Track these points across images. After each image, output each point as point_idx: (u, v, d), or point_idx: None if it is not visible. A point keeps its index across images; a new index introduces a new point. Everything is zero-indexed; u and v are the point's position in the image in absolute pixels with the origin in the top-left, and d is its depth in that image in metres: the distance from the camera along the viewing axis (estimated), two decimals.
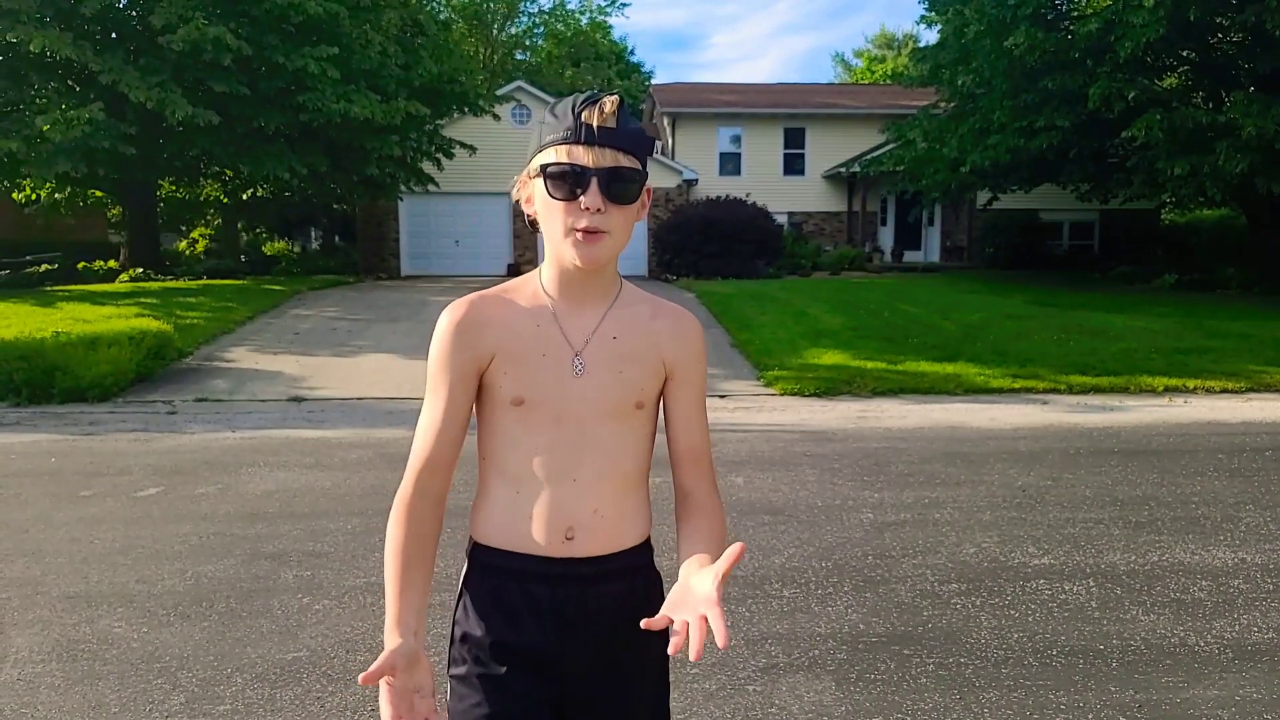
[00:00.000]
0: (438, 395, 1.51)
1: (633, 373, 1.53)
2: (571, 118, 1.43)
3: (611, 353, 1.52)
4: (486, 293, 1.56)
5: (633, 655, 1.55)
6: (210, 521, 5.21)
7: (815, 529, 5.05)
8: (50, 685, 3.34)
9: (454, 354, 1.50)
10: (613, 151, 1.43)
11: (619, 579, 1.54)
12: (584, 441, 1.50)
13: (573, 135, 1.43)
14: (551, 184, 1.44)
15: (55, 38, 15.10)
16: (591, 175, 1.42)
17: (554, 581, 1.49)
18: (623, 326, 1.54)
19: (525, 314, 1.52)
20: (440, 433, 1.50)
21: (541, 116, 1.49)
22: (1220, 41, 17.32)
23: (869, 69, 51.39)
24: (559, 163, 1.43)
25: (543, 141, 1.46)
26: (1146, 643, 3.63)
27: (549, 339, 1.50)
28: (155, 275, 19.37)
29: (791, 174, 27.23)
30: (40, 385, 8.93)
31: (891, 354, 10.98)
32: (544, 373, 1.49)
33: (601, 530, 1.51)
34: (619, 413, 1.52)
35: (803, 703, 3.19)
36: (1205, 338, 11.80)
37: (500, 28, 38.59)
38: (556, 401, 1.49)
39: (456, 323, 1.50)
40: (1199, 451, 6.78)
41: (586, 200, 1.42)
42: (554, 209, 1.45)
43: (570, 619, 1.50)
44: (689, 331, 1.61)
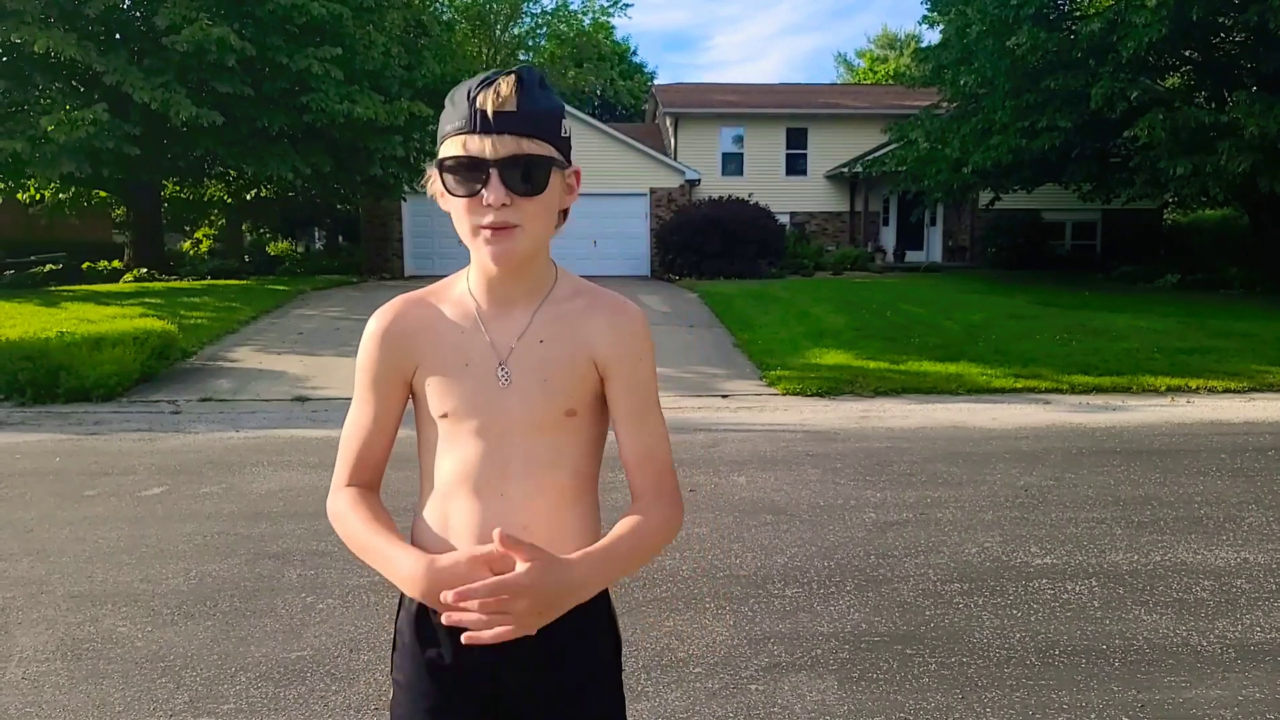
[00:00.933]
0: (362, 400, 1.46)
1: (560, 379, 1.42)
2: (466, 104, 1.31)
3: (538, 358, 1.42)
4: (413, 296, 1.48)
5: (575, 671, 1.48)
6: (214, 521, 5.23)
7: (818, 528, 5.05)
8: (55, 684, 3.35)
9: (377, 362, 1.44)
10: (513, 138, 1.30)
11: None
12: (512, 455, 1.41)
13: (467, 124, 1.31)
14: (450, 181, 1.33)
15: (59, 38, 15.12)
16: (490, 167, 1.30)
17: None
18: (551, 328, 1.43)
19: (451, 320, 1.44)
20: (364, 440, 1.46)
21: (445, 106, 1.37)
22: (1223, 41, 17.30)
23: (871, 69, 51.34)
24: (455, 156, 1.32)
25: (443, 133, 1.35)
26: (1149, 642, 3.64)
27: (473, 347, 1.42)
28: (159, 275, 19.40)
29: (794, 174, 27.22)
30: (45, 385, 8.94)
31: (894, 354, 10.97)
32: (468, 384, 1.41)
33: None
34: (547, 423, 1.42)
35: (805, 702, 3.20)
36: (1208, 337, 11.79)
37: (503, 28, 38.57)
38: (481, 414, 1.41)
39: (381, 331, 1.44)
40: (1201, 451, 6.78)
41: (489, 195, 1.30)
42: (458, 207, 1.35)
43: (501, 642, 1.41)
44: (626, 325, 1.46)
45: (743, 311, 14.38)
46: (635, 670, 3.41)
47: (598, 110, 42.98)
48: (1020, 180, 19.85)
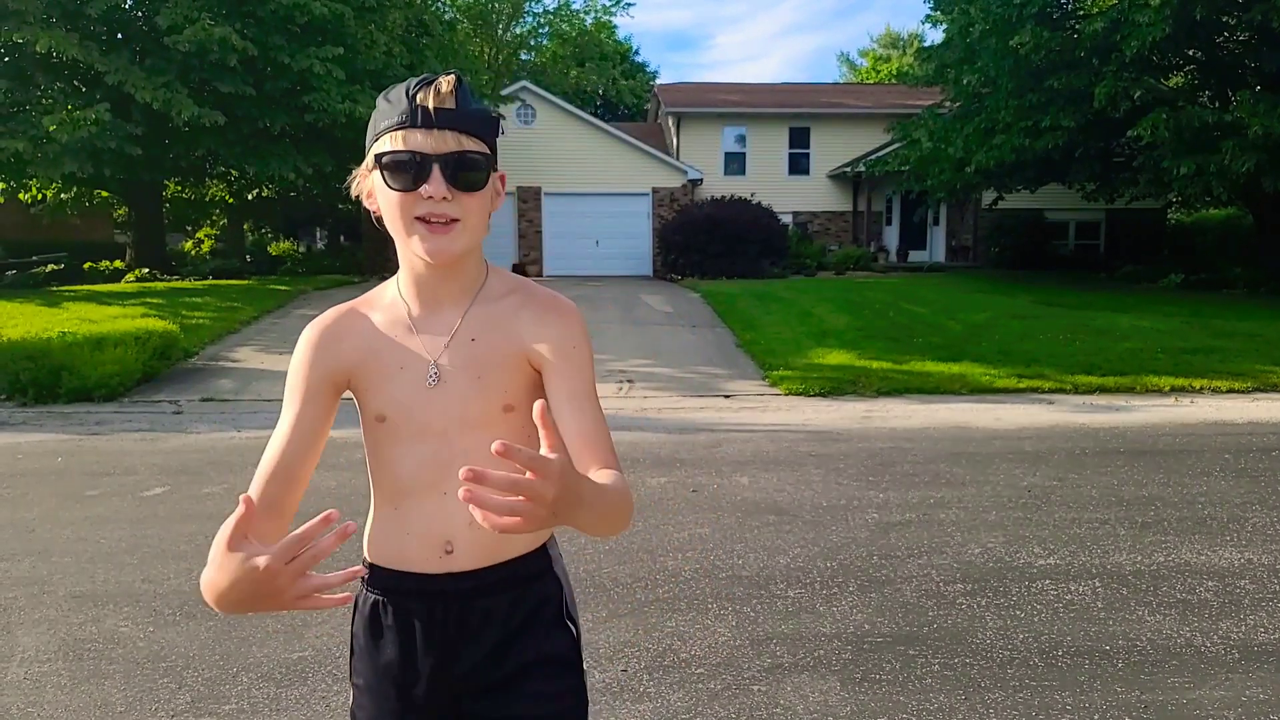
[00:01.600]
0: (288, 409, 1.44)
1: (493, 376, 1.42)
2: (406, 101, 1.32)
3: (469, 357, 1.42)
4: (345, 306, 1.49)
5: (527, 666, 1.46)
6: (216, 521, 5.17)
7: (820, 529, 5.04)
8: (56, 684, 3.35)
9: (306, 371, 1.44)
10: (454, 134, 1.32)
11: (503, 590, 1.46)
12: (451, 453, 1.40)
13: (408, 119, 1.31)
14: (389, 174, 1.33)
15: (61, 38, 15.13)
16: (433, 161, 1.32)
17: (431, 599, 1.44)
18: (482, 325, 1.44)
19: (382, 326, 1.45)
20: (284, 446, 1.41)
21: (380, 99, 1.38)
22: (1227, 40, 17.28)
23: (874, 69, 51.30)
24: (395, 150, 1.32)
25: (377, 129, 1.35)
26: (1152, 643, 3.62)
27: (405, 350, 1.43)
28: (161, 275, 19.42)
29: (796, 174, 27.21)
30: (46, 385, 8.95)
31: (897, 354, 10.96)
32: (402, 387, 1.42)
33: (480, 542, 1.42)
34: (483, 420, 1.41)
35: (808, 703, 3.19)
36: (1211, 337, 11.77)
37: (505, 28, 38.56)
38: (417, 416, 1.42)
39: (312, 340, 1.45)
40: (1205, 452, 6.77)
41: (429, 189, 1.31)
42: (395, 202, 1.34)
43: (450, 636, 1.45)
44: (556, 319, 1.45)
45: (745, 311, 14.37)
46: (637, 671, 3.40)
47: (600, 110, 43.00)
48: (1023, 180, 19.83)
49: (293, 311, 14.92)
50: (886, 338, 12.06)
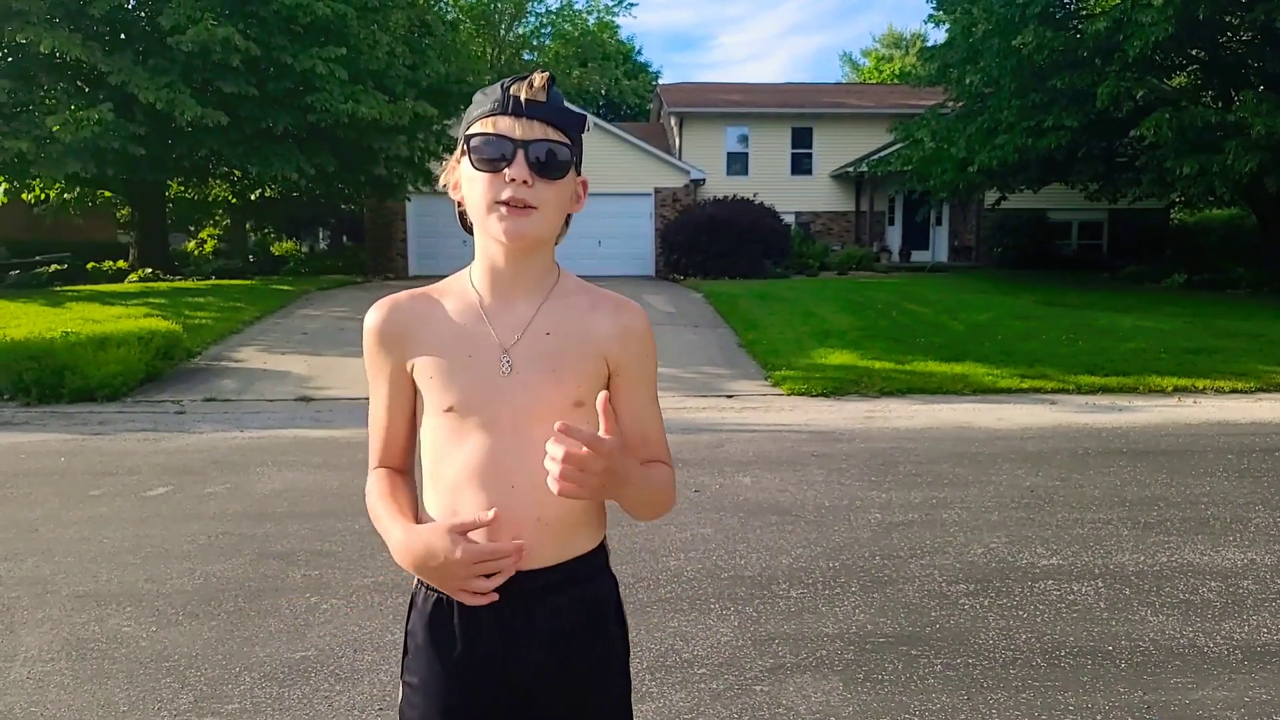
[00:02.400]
0: (373, 392, 1.51)
1: (568, 370, 1.44)
2: (500, 91, 1.39)
3: (544, 350, 1.43)
4: (413, 292, 1.51)
5: (589, 663, 1.50)
6: (219, 521, 5.23)
7: (823, 529, 5.04)
8: (59, 684, 3.35)
9: (377, 357, 1.48)
10: (541, 124, 1.38)
11: (567, 589, 1.47)
12: (520, 446, 1.41)
13: (500, 107, 1.38)
14: (475, 154, 1.39)
15: (64, 38, 15.15)
16: (518, 147, 1.37)
17: (499, 596, 1.42)
18: (556, 320, 1.45)
19: (451, 313, 1.46)
20: (385, 427, 1.51)
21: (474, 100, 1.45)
22: (1230, 40, 17.26)
23: (876, 68, 51.32)
24: (484, 133, 1.38)
25: (470, 119, 1.42)
26: (1155, 644, 3.62)
27: (476, 338, 1.43)
28: (164, 275, 19.43)
29: (799, 174, 27.21)
30: (50, 385, 8.96)
31: (899, 354, 10.96)
32: (471, 376, 1.42)
33: (548, 539, 1.44)
34: (553, 414, 1.38)
35: (810, 703, 3.19)
36: (1214, 338, 11.76)
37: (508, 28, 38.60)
38: (486, 406, 1.42)
39: (375, 327, 1.47)
40: (1208, 452, 6.76)
41: (512, 171, 1.36)
42: (478, 182, 1.39)
43: (517, 633, 1.45)
44: (633, 324, 1.50)
45: (747, 312, 14.36)
46: (640, 671, 3.40)
47: (602, 110, 43.02)
48: (1026, 180, 19.81)
49: (295, 312, 14.93)
50: (889, 338, 12.05)
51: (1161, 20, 14.34)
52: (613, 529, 1.58)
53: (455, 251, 25.75)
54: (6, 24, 15.32)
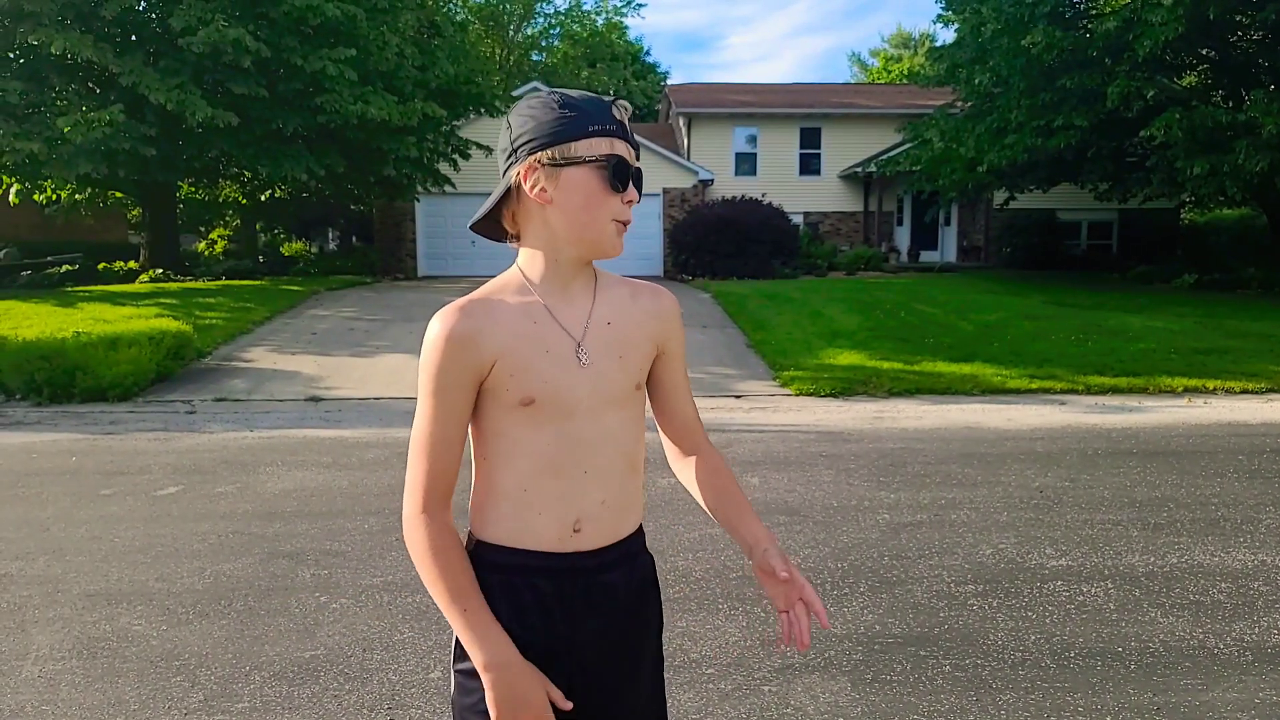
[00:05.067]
0: (440, 408, 1.47)
1: (632, 356, 1.56)
2: (607, 112, 1.47)
3: (609, 339, 1.54)
4: (474, 296, 1.52)
5: (635, 637, 1.61)
6: (229, 520, 5.25)
7: (831, 529, 5.04)
8: (71, 682, 3.37)
9: (452, 365, 1.46)
10: (634, 151, 1.52)
11: (619, 567, 1.57)
12: (595, 432, 1.52)
13: (618, 130, 1.48)
14: (614, 175, 1.46)
15: (76, 40, 15.22)
16: (632, 171, 1.49)
17: (559, 576, 1.51)
18: (613, 311, 1.56)
19: (518, 312, 1.50)
20: (449, 446, 1.49)
21: (546, 102, 1.48)
22: (1240, 40, 17.19)
23: (885, 69, 51.22)
24: (620, 156, 1.47)
25: (571, 130, 1.45)
26: (1165, 645, 3.61)
27: (548, 334, 1.50)
28: (175, 276, 19.50)
29: (807, 174, 27.17)
30: (61, 385, 9.01)
31: (908, 354, 10.94)
32: (550, 368, 1.48)
33: (607, 520, 1.54)
34: (623, 398, 1.54)
35: (818, 703, 3.19)
36: (1225, 338, 11.71)
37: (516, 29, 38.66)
38: (566, 395, 1.49)
39: (451, 332, 1.46)
40: (1219, 453, 6.73)
41: (631, 195, 1.49)
42: (603, 200, 1.47)
43: (577, 611, 1.52)
44: (671, 306, 1.65)
45: (756, 312, 14.36)
46: None
47: None
48: (1035, 180, 19.76)
49: (305, 312, 14.97)
50: (897, 338, 12.04)
51: (1171, 20, 14.28)
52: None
53: (464, 252, 25.92)
54: (18, 25, 15.40)
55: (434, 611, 3.86)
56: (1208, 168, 14.83)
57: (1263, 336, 11.75)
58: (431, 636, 3.68)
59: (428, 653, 3.55)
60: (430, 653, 3.55)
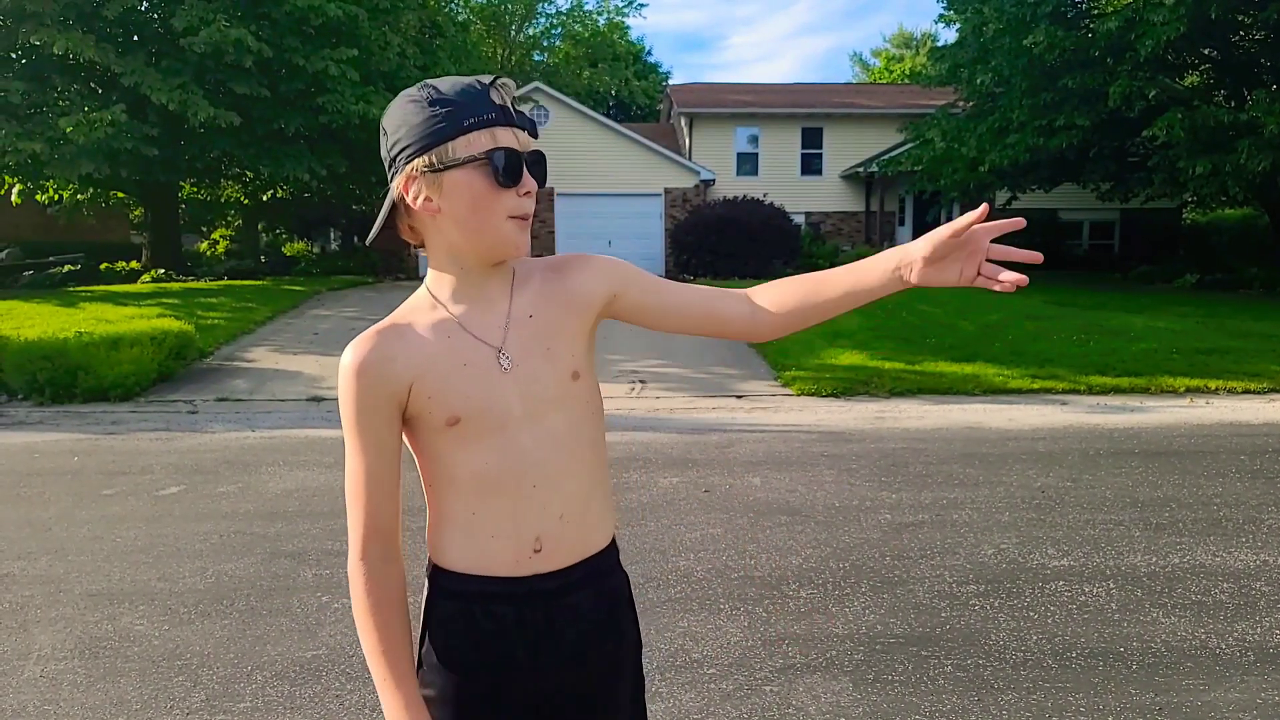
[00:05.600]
0: (363, 444, 1.39)
1: (560, 344, 1.43)
2: (484, 98, 1.33)
3: (533, 333, 1.42)
4: (384, 323, 1.43)
5: (606, 663, 1.50)
6: (231, 520, 5.25)
7: (833, 529, 5.04)
8: (73, 682, 3.37)
9: (367, 396, 1.38)
10: (527, 134, 1.37)
11: (586, 587, 1.46)
12: (536, 440, 1.40)
13: (499, 118, 1.33)
14: (502, 173, 1.33)
15: (78, 40, 15.24)
16: (523, 158, 1.35)
17: (519, 601, 1.41)
18: (534, 300, 1.44)
19: (430, 331, 1.40)
20: (378, 487, 1.41)
21: (417, 101, 1.34)
22: (1242, 39, 17.19)
23: (887, 69, 51.21)
24: (503, 148, 1.32)
25: (445, 130, 1.31)
26: (1167, 645, 3.61)
27: (463, 347, 1.39)
28: (176, 276, 19.52)
29: (809, 174, 27.17)
30: (63, 385, 9.01)
31: (909, 354, 10.93)
32: (469, 383, 1.38)
33: (570, 537, 1.43)
34: (561, 395, 1.41)
35: (820, 703, 3.19)
36: (1227, 338, 11.70)
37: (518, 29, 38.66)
38: (494, 407, 1.38)
39: (361, 363, 1.38)
40: (1221, 453, 6.73)
41: (526, 185, 1.35)
42: (492, 200, 1.34)
43: (539, 637, 1.43)
44: (589, 262, 1.50)
45: None
46: (650, 671, 3.41)
47: (612, 111, 43.01)
48: (1037, 180, 19.76)
49: (307, 312, 14.97)
50: (899, 338, 12.03)
51: (1173, 19, 14.28)
52: (622, 529, 1.59)
53: None
54: (21, 26, 15.42)
55: None
56: (1210, 167, 14.83)
57: (1265, 336, 11.73)
58: None
59: None
60: None
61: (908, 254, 1.41)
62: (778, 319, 1.51)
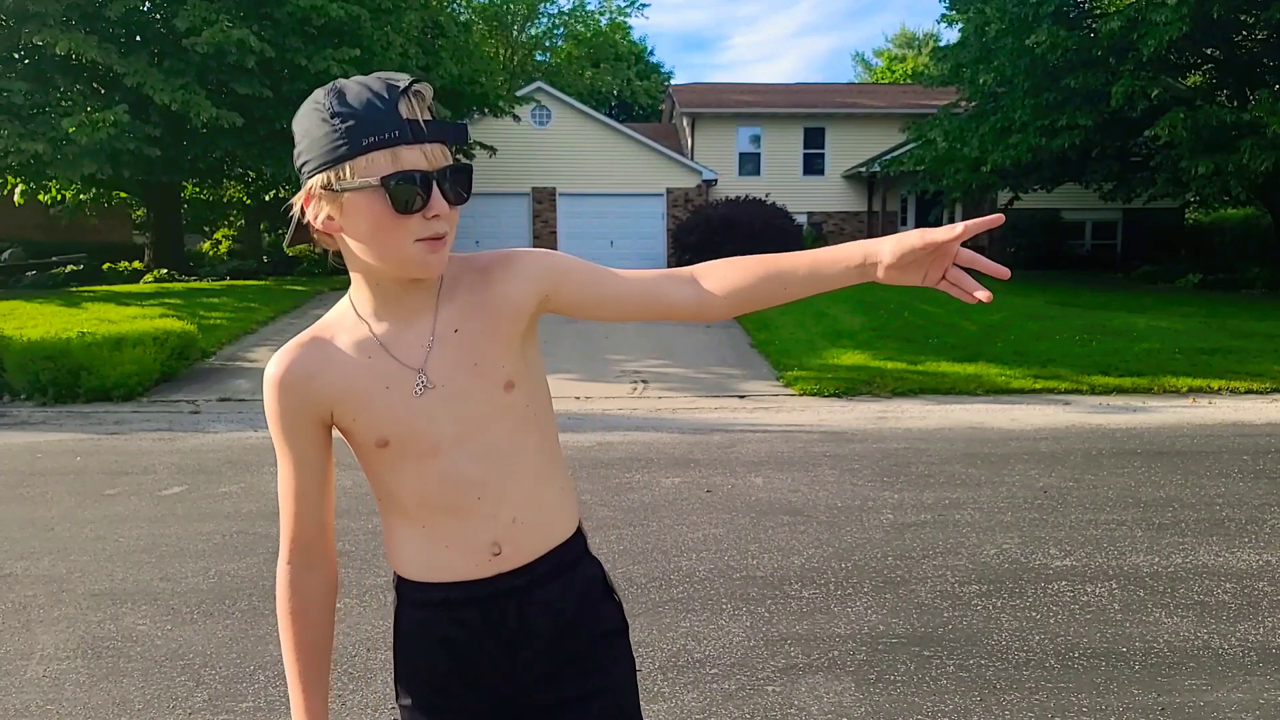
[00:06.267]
0: (286, 457, 1.38)
1: (488, 356, 1.35)
2: (388, 112, 1.21)
3: (458, 347, 1.34)
4: (307, 335, 1.37)
5: (587, 647, 1.46)
6: (233, 520, 5.26)
7: (835, 529, 5.04)
8: (75, 682, 3.37)
9: (287, 410, 1.35)
10: (442, 147, 1.26)
11: (555, 579, 1.43)
12: (474, 457, 1.35)
13: (404, 134, 1.21)
14: (395, 199, 1.21)
15: (80, 40, 15.24)
16: (433, 179, 1.23)
17: (485, 603, 1.38)
18: (458, 314, 1.36)
19: (352, 349, 1.34)
20: (300, 496, 1.40)
21: (319, 110, 1.24)
22: (1245, 39, 17.17)
23: (889, 68, 51.19)
24: (402, 171, 1.21)
25: (344, 149, 1.21)
26: (1170, 645, 3.61)
27: (385, 368, 1.33)
28: (179, 276, 19.53)
29: (811, 174, 27.17)
30: (66, 385, 9.02)
31: (912, 354, 10.93)
32: (394, 406, 1.33)
33: (526, 537, 1.39)
34: (491, 410, 1.35)
35: (822, 704, 3.19)
36: (1230, 338, 11.69)
37: (520, 29, 38.65)
38: (423, 432, 1.33)
39: (281, 377, 1.33)
40: (1223, 453, 6.72)
41: (433, 208, 1.23)
42: (393, 225, 1.23)
43: (510, 634, 1.40)
44: (517, 262, 1.39)
45: (759, 312, 14.34)
46: (651, 671, 3.41)
47: (614, 111, 43.03)
48: (1040, 179, 19.74)
49: (309, 312, 14.98)
50: (901, 338, 12.02)
51: (1176, 19, 14.27)
52: (625, 530, 1.59)
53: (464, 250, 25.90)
54: (23, 26, 15.42)
55: None
56: (1212, 167, 14.82)
57: (1267, 336, 11.72)
58: None
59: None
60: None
61: (874, 252, 1.35)
62: (727, 301, 1.42)
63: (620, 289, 1.42)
